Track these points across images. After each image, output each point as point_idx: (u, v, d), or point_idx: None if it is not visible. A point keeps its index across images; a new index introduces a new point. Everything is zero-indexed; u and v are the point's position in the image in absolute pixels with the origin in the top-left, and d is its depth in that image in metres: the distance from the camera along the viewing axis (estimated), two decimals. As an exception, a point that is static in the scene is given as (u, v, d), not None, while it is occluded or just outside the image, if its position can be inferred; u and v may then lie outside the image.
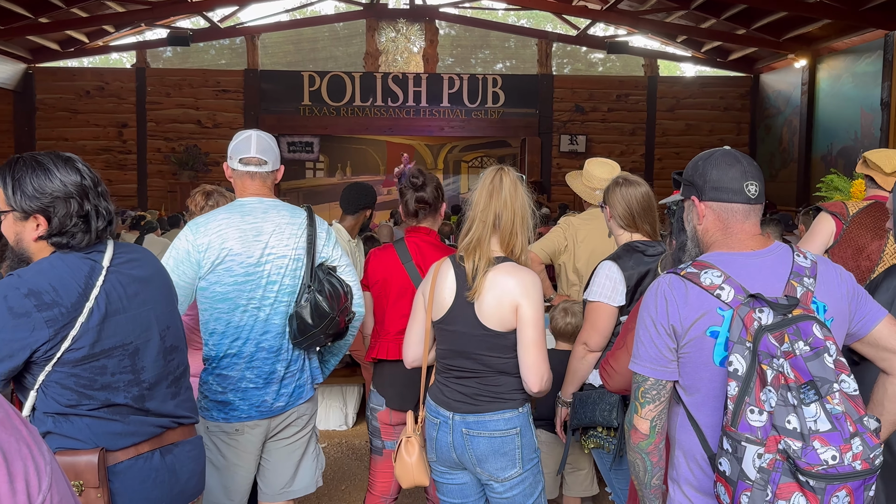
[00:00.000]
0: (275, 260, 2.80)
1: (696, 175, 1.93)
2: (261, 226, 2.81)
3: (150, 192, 15.00)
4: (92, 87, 14.99)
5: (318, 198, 16.48)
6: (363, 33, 15.49)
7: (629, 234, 3.09)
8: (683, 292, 1.84)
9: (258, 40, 15.28)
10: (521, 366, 2.51)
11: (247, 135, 2.91)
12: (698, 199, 1.92)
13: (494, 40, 16.41)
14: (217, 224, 2.77)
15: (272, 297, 2.79)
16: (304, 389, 2.91)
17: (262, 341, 2.79)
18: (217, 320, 2.77)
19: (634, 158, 15.48)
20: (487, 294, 2.51)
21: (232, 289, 2.74)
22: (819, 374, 1.58)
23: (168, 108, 15.03)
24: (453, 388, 2.60)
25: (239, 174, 2.89)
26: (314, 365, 2.98)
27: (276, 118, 15.12)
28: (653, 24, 13.80)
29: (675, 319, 1.84)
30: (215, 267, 2.73)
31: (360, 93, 15.14)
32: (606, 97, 15.57)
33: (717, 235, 1.91)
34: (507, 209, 2.54)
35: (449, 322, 2.58)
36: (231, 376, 2.78)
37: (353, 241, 4.73)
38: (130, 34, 15.17)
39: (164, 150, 15.03)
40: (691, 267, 1.86)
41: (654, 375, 1.90)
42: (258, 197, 2.88)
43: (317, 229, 2.90)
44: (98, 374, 1.98)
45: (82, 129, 14.94)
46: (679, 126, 15.62)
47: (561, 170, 15.36)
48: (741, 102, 15.65)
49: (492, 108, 15.40)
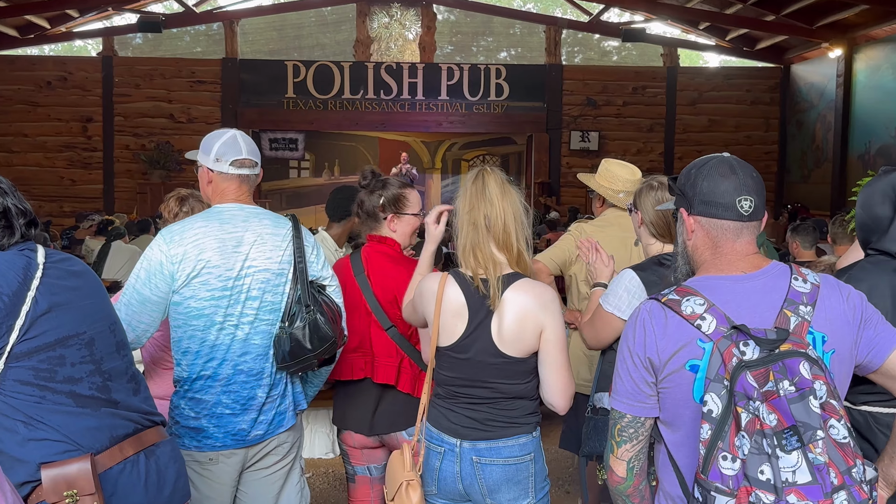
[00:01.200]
0: (255, 274, 2.78)
1: (687, 184, 1.92)
2: (241, 235, 2.79)
3: (118, 194, 15.01)
4: (54, 78, 15.01)
5: (303, 200, 16.50)
6: (353, 18, 15.52)
7: (661, 244, 3.08)
8: (663, 322, 1.83)
9: (237, 26, 15.32)
10: (548, 388, 2.55)
11: (230, 134, 2.90)
12: (687, 213, 1.92)
13: (498, 26, 16.46)
14: (194, 233, 2.75)
15: (252, 314, 2.78)
16: (285, 417, 2.89)
17: (241, 363, 2.78)
18: (191, 338, 2.75)
19: (652, 157, 15.51)
20: (506, 317, 2.50)
21: (208, 304, 2.73)
22: (802, 418, 1.55)
23: (137, 100, 15.05)
24: (461, 413, 2.60)
25: (226, 178, 2.87)
26: (297, 390, 2.97)
27: (256, 112, 15.14)
28: (672, 10, 13.83)
29: (651, 351, 1.83)
30: (191, 280, 2.72)
31: (349, 84, 15.17)
32: (621, 90, 15.60)
33: (706, 255, 1.90)
34: (493, 208, 2.55)
35: (460, 350, 2.56)
36: (205, 400, 2.77)
37: (341, 251, 4.71)
38: (96, 19, 15.20)
39: (133, 148, 15.05)
40: (674, 293, 1.85)
41: (631, 412, 1.90)
42: (238, 203, 2.87)
43: (304, 241, 2.89)
44: (58, 366, 2.08)
45: (43, 124, 14.96)
46: (701, 122, 15.65)
47: (571, 169, 15.37)
48: (770, 96, 15.68)
49: (495, 101, 15.42)
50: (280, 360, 2.78)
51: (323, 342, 2.75)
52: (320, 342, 2.75)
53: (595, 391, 3.22)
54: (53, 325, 2.09)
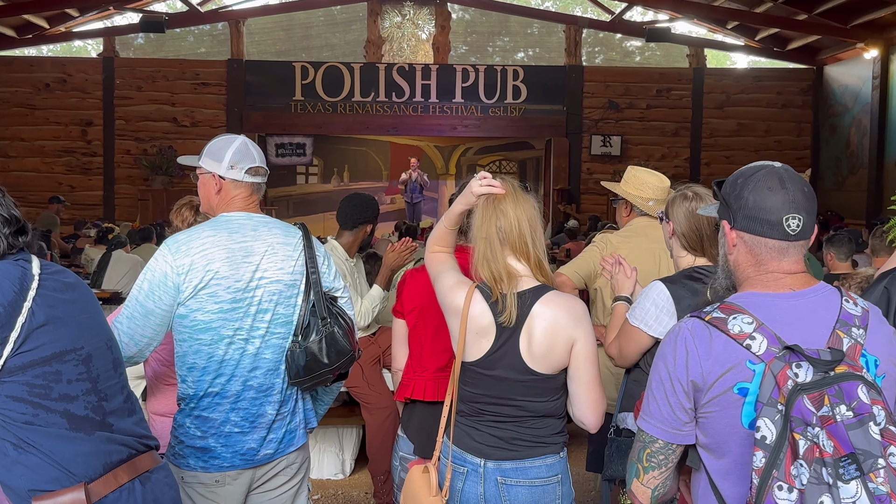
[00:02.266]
0: (267, 285, 2.79)
1: (732, 195, 1.88)
2: (251, 245, 2.80)
3: (119, 201, 15.10)
4: (52, 80, 15.13)
5: (311, 207, 16.56)
6: (364, 18, 15.59)
7: (693, 257, 3.08)
8: (707, 341, 1.79)
9: (243, 26, 15.40)
10: (579, 405, 2.57)
11: (241, 141, 2.91)
12: (729, 226, 1.89)
13: (515, 26, 16.49)
14: (201, 242, 2.75)
15: (263, 327, 2.78)
16: (295, 435, 2.89)
17: (251, 379, 2.77)
18: (197, 353, 2.75)
19: (678, 163, 15.47)
20: (536, 332, 2.51)
21: (216, 317, 2.73)
22: (862, 445, 1.53)
23: (139, 103, 15.15)
24: (485, 431, 2.60)
25: (239, 185, 2.88)
26: (308, 407, 2.97)
27: (262, 115, 15.21)
28: (699, 8, 13.82)
29: (695, 374, 1.80)
30: (198, 291, 2.71)
31: (360, 86, 15.22)
32: (645, 92, 15.59)
33: (750, 271, 1.87)
34: (506, 217, 2.56)
35: (487, 367, 2.57)
36: (213, 419, 2.76)
37: (352, 261, 4.72)
38: (97, 19, 15.32)
39: (134, 152, 15.14)
40: (718, 311, 1.81)
41: (664, 438, 1.87)
42: (246, 212, 2.89)
43: (315, 251, 2.91)
44: (53, 382, 2.06)
45: (41, 128, 15.07)
46: (729, 126, 15.61)
47: (591, 176, 15.35)
48: (802, 98, 15.63)
49: (512, 104, 15.44)
50: (294, 375, 2.78)
51: (341, 356, 2.76)
52: (338, 356, 2.75)
53: (619, 411, 3.21)
54: (50, 338, 2.08)
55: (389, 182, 16.91)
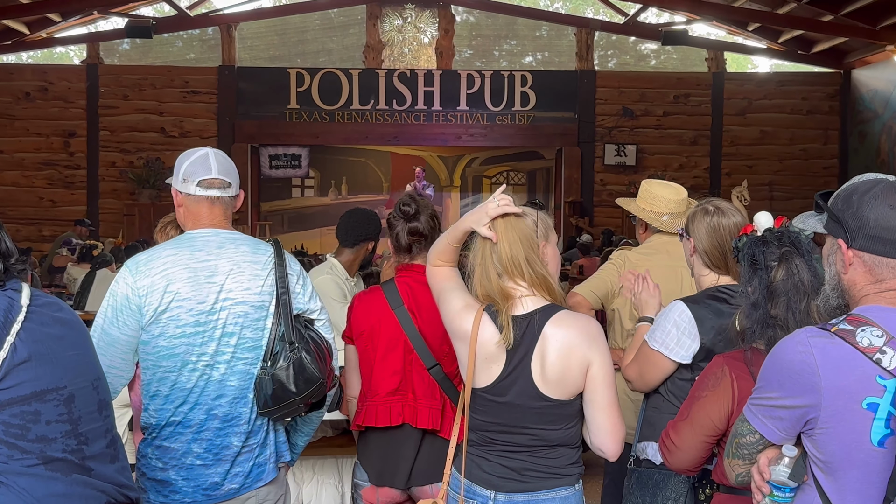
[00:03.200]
0: (232, 307, 2.77)
1: (847, 212, 1.90)
2: (215, 264, 2.78)
3: (103, 216, 15.11)
4: (33, 88, 15.18)
5: (307, 222, 16.55)
6: (362, 21, 15.64)
7: (716, 276, 3.07)
8: (833, 353, 1.82)
9: (235, 31, 15.47)
10: (597, 431, 2.57)
11: (202, 152, 2.90)
12: (846, 245, 1.90)
13: (523, 29, 16.53)
14: (162, 262, 2.75)
15: (228, 352, 2.76)
16: (264, 469, 2.85)
17: (215, 407, 2.75)
18: (161, 381, 2.74)
19: (697, 173, 15.46)
20: (549, 355, 2.51)
21: (179, 342, 2.72)
22: None
23: (125, 113, 15.19)
24: (495, 462, 2.60)
25: (195, 200, 2.87)
26: (280, 439, 2.93)
27: (255, 125, 15.24)
28: (718, 9, 13.85)
29: (811, 386, 1.83)
30: (159, 315, 2.71)
31: (358, 94, 15.25)
32: (661, 98, 15.60)
33: (869, 289, 1.90)
34: (497, 245, 2.58)
35: (498, 393, 2.57)
36: (174, 449, 2.75)
37: (352, 280, 4.72)
38: (80, 24, 15.40)
39: (119, 165, 15.16)
40: (845, 322, 1.84)
41: (763, 431, 1.98)
42: (213, 228, 2.87)
43: (287, 269, 2.88)
44: (31, 422, 2.03)
45: (21, 140, 15.11)
46: (752, 133, 15.61)
47: (605, 187, 15.35)
48: (828, 104, 15.63)
49: (520, 111, 15.46)
50: (262, 404, 2.75)
51: (309, 384, 2.72)
52: (306, 384, 2.72)
53: (638, 440, 3.19)
54: (31, 376, 2.04)
55: (390, 195, 16.90)
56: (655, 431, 2.98)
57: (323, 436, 5.66)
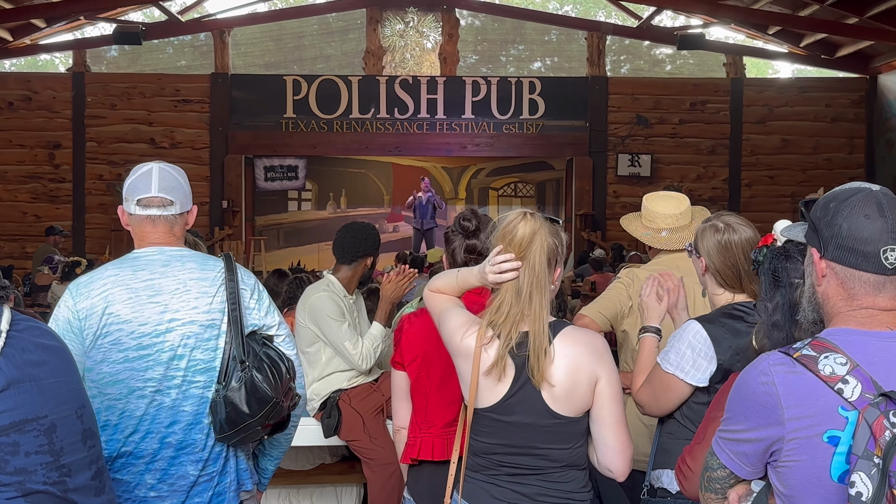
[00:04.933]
0: (179, 328, 2.75)
1: (822, 220, 1.88)
2: (158, 283, 2.77)
3: (89, 232, 15.16)
4: (16, 98, 15.27)
5: (304, 237, 16.59)
6: (362, 26, 15.71)
7: (731, 294, 3.07)
8: (794, 382, 1.80)
9: (228, 36, 15.54)
10: (605, 449, 2.59)
11: (146, 169, 2.91)
12: (818, 254, 1.89)
13: (531, 33, 16.60)
14: (102, 283, 2.74)
15: (179, 376, 2.74)
16: (224, 499, 2.83)
17: (168, 435, 2.74)
18: (109, 409, 2.73)
19: (715, 184, 15.48)
20: (557, 371, 2.52)
21: (123, 368, 2.71)
22: None
23: (113, 123, 15.26)
24: (505, 487, 2.60)
25: (137, 220, 2.88)
26: (241, 466, 2.91)
27: (250, 135, 15.30)
28: (736, 12, 13.89)
29: (774, 418, 1.82)
30: (98, 340, 2.71)
31: (358, 102, 15.31)
32: (677, 105, 15.63)
33: (840, 305, 1.88)
34: None
35: (504, 412, 2.57)
36: (126, 481, 2.73)
37: (351, 298, 4.73)
38: (66, 30, 15.49)
39: (107, 178, 15.22)
40: (808, 348, 1.83)
41: (731, 467, 1.96)
42: (159, 246, 2.87)
43: (239, 284, 2.86)
44: (10, 455, 2.01)
45: (3, 151, 15.19)
46: (773, 142, 15.63)
47: (618, 199, 15.35)
48: (854, 111, 15.65)
49: (528, 120, 15.50)
50: (218, 429, 2.74)
51: (262, 404, 2.70)
52: (259, 404, 2.70)
53: (652, 468, 3.19)
54: (10, 405, 2.02)
55: (392, 208, 16.93)
56: (671, 458, 2.98)
57: (321, 462, 5.66)
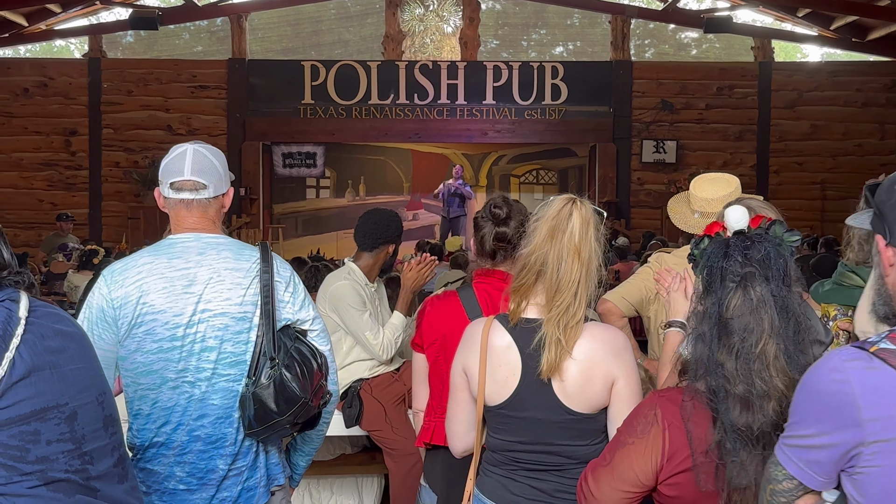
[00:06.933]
0: (210, 319, 2.75)
1: (887, 203, 1.77)
2: (194, 272, 2.77)
3: (106, 219, 15.26)
4: (32, 84, 15.36)
5: (323, 225, 16.62)
6: (381, 10, 15.71)
7: None
8: (873, 379, 1.66)
9: (245, 21, 15.58)
10: None
11: (180, 150, 2.88)
12: (884, 241, 1.79)
13: (553, 17, 16.54)
14: (137, 271, 2.74)
15: (209, 368, 2.75)
16: (254, 494, 2.84)
17: (197, 428, 2.75)
18: (142, 399, 2.75)
19: (743, 171, 15.39)
20: (571, 367, 2.50)
21: (156, 358, 2.71)
22: None
23: (130, 109, 15.33)
24: (523, 482, 2.59)
25: (172, 203, 2.87)
26: (273, 461, 2.92)
27: (267, 122, 15.34)
28: (765, -6, 13.80)
29: (851, 420, 1.67)
30: (133, 330, 2.72)
31: (377, 88, 15.32)
32: (704, 90, 15.56)
33: None
34: (567, 253, 2.52)
35: (516, 408, 2.56)
36: (157, 472, 2.75)
37: (372, 286, 4.74)
38: (81, 15, 15.55)
39: (124, 165, 15.31)
40: (887, 341, 1.69)
41: (800, 477, 1.79)
42: (195, 232, 2.86)
43: (274, 276, 2.85)
44: (31, 443, 2.02)
45: (19, 138, 15.29)
46: (802, 128, 15.53)
47: (643, 186, 15.31)
48: (885, 96, 15.52)
49: (550, 105, 15.46)
50: (247, 425, 2.74)
51: (291, 404, 2.70)
52: (287, 404, 2.69)
53: None
54: (31, 393, 2.03)
55: (411, 195, 16.94)
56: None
57: (341, 453, 5.69)
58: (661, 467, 2.12)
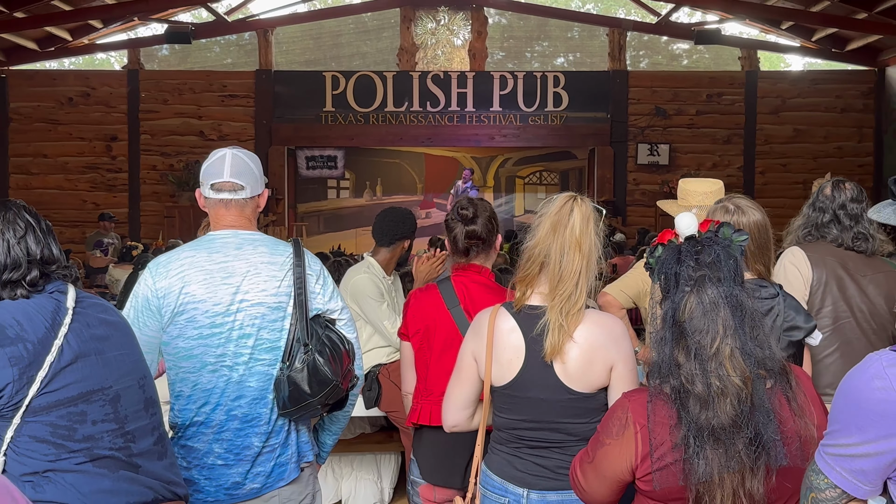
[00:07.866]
0: (248, 308, 2.80)
1: None
2: (232, 265, 2.82)
3: (144, 218, 15.29)
4: (75, 94, 15.39)
5: (342, 223, 16.65)
6: (396, 25, 15.69)
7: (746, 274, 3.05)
8: None
9: (272, 35, 15.58)
10: None
11: (220, 154, 2.94)
12: None
13: (555, 30, 16.50)
14: (179, 264, 2.80)
15: (246, 353, 2.79)
16: (286, 469, 2.88)
17: (234, 408, 2.79)
18: (183, 381, 2.80)
19: (730, 172, 15.34)
20: (572, 352, 2.51)
21: (197, 343, 2.76)
22: None
23: (165, 117, 15.36)
24: (527, 459, 2.60)
25: (212, 203, 2.92)
26: (303, 439, 2.95)
27: (292, 128, 15.35)
28: (751, 8, 13.74)
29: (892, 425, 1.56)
30: (175, 317, 2.76)
31: (392, 96, 15.31)
32: (694, 97, 15.51)
33: None
34: (568, 246, 2.53)
35: (520, 388, 2.57)
36: (196, 449, 2.79)
37: (389, 279, 4.76)
38: (121, 30, 15.58)
39: (160, 168, 15.34)
40: None
41: (844, 486, 1.69)
42: (233, 229, 2.92)
43: (306, 269, 2.90)
44: (78, 423, 2.08)
45: (64, 144, 15.32)
46: (785, 132, 15.47)
47: (638, 186, 15.28)
48: (863, 102, 15.44)
49: (552, 112, 15.43)
50: (281, 405, 2.78)
51: (323, 386, 2.74)
52: (320, 386, 2.73)
53: None
54: (78, 377, 2.09)
55: (424, 195, 16.95)
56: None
57: (361, 432, 5.71)
58: (636, 466, 2.09)
